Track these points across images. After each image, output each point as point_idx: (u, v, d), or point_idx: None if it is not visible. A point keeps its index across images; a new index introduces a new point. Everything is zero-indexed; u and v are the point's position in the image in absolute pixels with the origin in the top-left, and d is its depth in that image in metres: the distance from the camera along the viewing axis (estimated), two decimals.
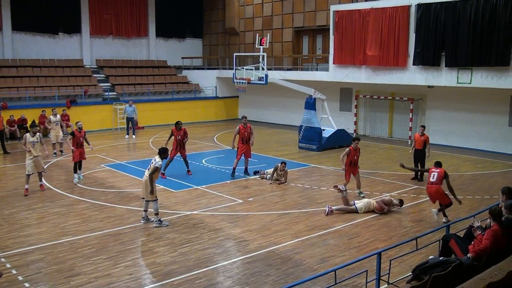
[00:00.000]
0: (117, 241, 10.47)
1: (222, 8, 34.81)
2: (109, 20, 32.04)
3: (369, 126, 25.87)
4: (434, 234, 9.32)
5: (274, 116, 30.57)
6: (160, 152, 11.73)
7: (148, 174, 11.42)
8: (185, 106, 30.76)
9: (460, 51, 19.64)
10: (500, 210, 7.72)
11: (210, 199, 13.68)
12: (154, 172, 11.39)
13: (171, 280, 8.61)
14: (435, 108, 23.12)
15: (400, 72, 21.99)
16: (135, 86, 30.61)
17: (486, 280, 5.91)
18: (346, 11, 23.76)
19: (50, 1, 29.47)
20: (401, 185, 15.37)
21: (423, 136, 15.64)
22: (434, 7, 20.37)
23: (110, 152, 20.71)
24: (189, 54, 35.61)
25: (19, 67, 27.86)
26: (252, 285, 8.48)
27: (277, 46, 31.03)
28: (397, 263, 8.75)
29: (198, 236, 10.81)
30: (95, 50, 31.70)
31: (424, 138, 15.58)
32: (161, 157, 11.64)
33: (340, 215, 12.29)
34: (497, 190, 13.76)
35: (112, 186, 15.13)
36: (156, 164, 11.39)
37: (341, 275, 8.00)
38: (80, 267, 9.13)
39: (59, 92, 27.03)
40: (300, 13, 29.54)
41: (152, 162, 11.55)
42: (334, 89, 25.86)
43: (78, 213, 12.36)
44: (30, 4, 28.71)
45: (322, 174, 16.96)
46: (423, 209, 12.82)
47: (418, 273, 7.10)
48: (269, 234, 10.93)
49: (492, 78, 19.12)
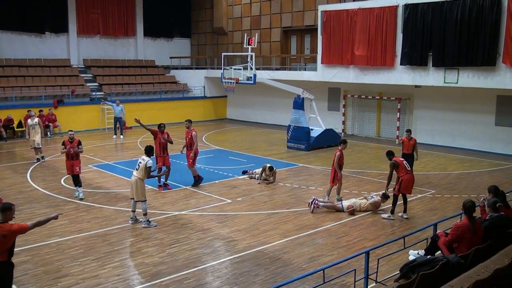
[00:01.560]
0: (105, 242, 10.41)
1: (210, 8, 34.74)
2: (97, 20, 31.82)
3: (357, 126, 25.98)
4: (422, 233, 9.39)
5: (263, 116, 30.57)
6: (146, 150, 11.73)
7: (137, 174, 11.39)
8: (173, 106, 30.65)
9: (447, 51, 19.79)
10: (472, 205, 7.74)
11: (199, 199, 13.65)
12: (146, 173, 11.35)
13: (159, 281, 8.58)
14: (422, 107, 23.28)
15: (387, 72, 22.11)
16: (123, 86, 30.43)
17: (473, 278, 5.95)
18: (334, 11, 23.84)
19: (36, 0, 29.18)
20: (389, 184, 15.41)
21: (411, 140, 15.19)
22: (421, 7, 20.50)
23: (97, 152, 20.57)
24: (177, 53, 35.49)
25: (5, 67, 27.57)
26: (241, 285, 8.47)
27: (265, 46, 31.04)
28: (385, 262, 8.80)
29: (186, 236, 10.79)
30: (82, 50, 31.46)
31: (412, 142, 15.11)
32: (149, 155, 11.61)
33: (328, 215, 12.32)
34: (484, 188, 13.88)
35: (99, 186, 15.04)
36: (147, 164, 11.33)
37: (330, 274, 8.04)
38: (68, 268, 9.06)
39: (46, 92, 26.79)
40: (288, 13, 29.57)
41: (140, 162, 11.49)
42: (322, 88, 25.94)
43: (65, 214, 12.23)
44: (16, 3, 28.38)
45: (311, 173, 17.00)
46: (411, 208, 12.89)
47: (405, 272, 7.13)
48: (258, 234, 10.93)
49: (479, 78, 19.29)
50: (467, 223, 7.54)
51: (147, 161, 11.39)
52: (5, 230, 6.68)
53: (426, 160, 19.29)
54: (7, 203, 7.10)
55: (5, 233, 6.67)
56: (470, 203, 7.69)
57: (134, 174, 11.51)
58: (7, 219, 6.80)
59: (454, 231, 7.58)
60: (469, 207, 7.64)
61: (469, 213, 7.61)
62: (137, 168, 11.45)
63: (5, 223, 6.76)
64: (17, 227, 6.82)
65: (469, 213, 7.61)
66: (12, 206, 6.93)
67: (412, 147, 15.11)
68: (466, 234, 7.48)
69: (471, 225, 7.51)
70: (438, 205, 13.22)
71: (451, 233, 7.64)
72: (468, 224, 7.51)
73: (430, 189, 14.84)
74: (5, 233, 6.67)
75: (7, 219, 6.80)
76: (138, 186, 11.34)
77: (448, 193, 14.42)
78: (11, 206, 6.91)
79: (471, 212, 7.63)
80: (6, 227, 6.73)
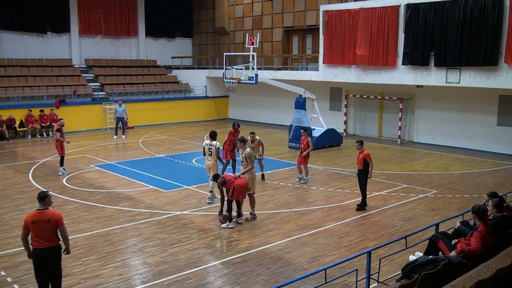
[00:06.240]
0: (106, 242, 10.42)
1: (212, 8, 34.74)
2: (98, 20, 31.83)
3: (359, 126, 25.96)
4: (424, 232, 9.38)
5: (264, 115, 30.57)
6: (212, 135, 13.29)
7: (211, 158, 13.05)
8: (175, 106, 30.67)
9: (449, 51, 19.76)
10: (485, 209, 7.69)
11: (200, 199, 13.65)
12: (217, 155, 13.13)
13: (161, 281, 8.58)
14: (424, 107, 23.26)
15: (389, 71, 22.09)
16: (125, 86, 30.43)
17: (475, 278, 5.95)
18: (336, 11, 23.82)
19: (38, 0, 29.22)
20: (390, 184, 15.44)
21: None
22: (423, 7, 20.47)
23: (99, 152, 20.59)
24: (179, 53, 35.49)
25: (7, 67, 27.59)
26: (243, 284, 8.47)
27: (267, 45, 31.04)
28: (387, 262, 8.79)
29: (188, 236, 10.79)
30: (84, 50, 31.48)
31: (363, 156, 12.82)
32: (215, 139, 13.20)
33: (331, 214, 12.32)
34: (486, 188, 13.95)
35: (101, 186, 15.05)
36: (217, 146, 13.09)
37: (332, 274, 8.03)
38: (70, 268, 9.07)
39: (47, 92, 26.81)
40: (290, 13, 29.56)
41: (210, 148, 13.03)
42: (324, 88, 25.92)
43: (67, 213, 12.25)
44: (18, 3, 28.40)
45: (312, 173, 16.97)
46: (413, 208, 12.89)
47: (407, 272, 7.13)
48: (260, 234, 10.93)
49: (481, 77, 19.26)
50: (485, 228, 7.43)
51: (216, 144, 13.12)
52: (48, 215, 7.29)
53: (427, 160, 19.28)
54: (42, 191, 7.67)
55: (49, 217, 7.26)
56: (483, 206, 7.65)
57: (208, 159, 13.14)
58: (47, 205, 7.41)
59: (480, 239, 7.29)
60: (483, 211, 7.57)
61: (483, 217, 7.53)
62: (210, 153, 13.06)
63: (47, 209, 7.37)
64: (58, 213, 7.46)
65: (483, 217, 7.53)
66: (48, 193, 7.57)
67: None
68: (486, 239, 7.44)
69: (487, 228, 7.46)
70: (440, 205, 13.20)
71: (478, 241, 7.26)
72: (486, 229, 7.44)
73: (432, 189, 14.82)
74: (48, 218, 7.26)
75: (47, 205, 7.41)
76: (214, 168, 12.99)
77: (450, 193, 14.40)
78: (47, 193, 7.55)
79: (485, 216, 7.57)
80: (52, 213, 7.36)
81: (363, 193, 12.79)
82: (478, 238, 7.30)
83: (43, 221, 7.21)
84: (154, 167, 17.79)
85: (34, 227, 7.21)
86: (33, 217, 7.25)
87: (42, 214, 7.28)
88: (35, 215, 7.28)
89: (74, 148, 21.06)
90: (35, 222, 7.20)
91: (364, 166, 12.65)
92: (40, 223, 7.21)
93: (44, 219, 7.22)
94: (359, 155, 12.76)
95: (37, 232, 7.22)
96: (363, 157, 12.62)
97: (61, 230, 7.41)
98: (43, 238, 7.24)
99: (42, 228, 7.21)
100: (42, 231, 7.22)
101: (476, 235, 7.35)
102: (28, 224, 7.24)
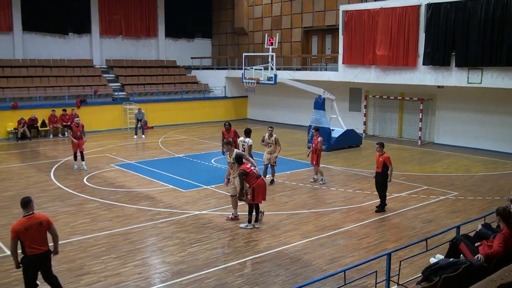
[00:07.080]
0: (126, 241, 10.51)
1: (231, 8, 34.84)
2: (119, 21, 32.19)
3: (379, 126, 25.77)
4: (444, 235, 9.27)
5: (283, 116, 30.54)
6: (246, 132, 14.31)
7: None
8: (194, 106, 30.83)
9: (471, 50, 19.51)
10: (510, 211, 7.59)
11: (219, 199, 13.69)
12: (250, 151, 13.92)
13: (180, 280, 8.63)
14: (445, 108, 22.99)
15: (410, 72, 21.89)
16: (145, 86, 30.71)
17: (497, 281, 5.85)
18: (356, 11, 23.70)
19: (60, 2, 29.65)
20: (410, 185, 15.29)
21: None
22: (444, 6, 20.24)
23: (119, 152, 20.79)
24: (198, 54, 35.67)
25: (30, 67, 28.06)
26: (261, 285, 8.47)
27: (286, 46, 31.01)
28: (407, 264, 8.70)
29: (207, 236, 10.83)
30: (105, 50, 31.85)
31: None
32: (249, 136, 14.12)
33: (350, 215, 12.25)
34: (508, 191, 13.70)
35: (121, 185, 15.19)
36: (249, 143, 14.04)
37: (351, 276, 7.98)
38: (90, 266, 9.18)
39: (69, 92, 27.19)
40: (309, 13, 29.49)
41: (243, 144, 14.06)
42: (344, 89, 25.79)
43: (87, 212, 12.42)
44: (40, 4, 28.88)
45: (331, 174, 16.91)
46: (433, 210, 12.75)
47: (428, 274, 7.05)
48: (278, 234, 10.92)
49: (503, 78, 18.97)
50: (509, 231, 7.32)
51: (248, 141, 14.11)
52: (38, 218, 7.28)
53: (448, 162, 19.06)
54: (24, 197, 7.59)
55: (40, 220, 7.27)
56: (508, 208, 7.55)
57: None
58: (32, 209, 7.36)
59: (503, 242, 7.18)
60: (508, 213, 7.45)
61: (508, 220, 7.41)
62: (243, 149, 13.83)
63: (34, 213, 7.32)
64: (45, 215, 7.49)
65: (508, 220, 7.41)
66: (31, 198, 7.51)
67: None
68: (509, 242, 7.32)
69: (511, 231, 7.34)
70: (461, 207, 13.04)
71: (501, 244, 7.17)
72: (510, 232, 7.31)
73: (453, 191, 14.64)
74: (40, 221, 7.25)
75: (32, 209, 7.36)
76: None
77: (471, 195, 14.22)
78: (30, 198, 7.49)
79: (509, 218, 7.45)
80: (40, 215, 7.37)
81: (382, 195, 12.69)
82: (501, 241, 7.19)
83: (36, 224, 7.18)
84: (174, 167, 17.90)
85: (27, 234, 7.09)
86: (24, 224, 7.13)
87: (32, 218, 7.22)
88: (25, 221, 7.16)
89: (95, 148, 21.31)
90: (27, 228, 7.10)
91: (383, 169, 12.52)
92: (33, 227, 7.14)
93: (36, 223, 7.20)
94: (378, 157, 12.63)
95: (32, 238, 7.12)
96: (383, 160, 12.48)
97: (52, 229, 7.41)
98: (38, 243, 7.17)
99: (36, 232, 7.17)
100: (36, 235, 7.16)
101: (499, 237, 7.25)
102: (20, 233, 7.08)
